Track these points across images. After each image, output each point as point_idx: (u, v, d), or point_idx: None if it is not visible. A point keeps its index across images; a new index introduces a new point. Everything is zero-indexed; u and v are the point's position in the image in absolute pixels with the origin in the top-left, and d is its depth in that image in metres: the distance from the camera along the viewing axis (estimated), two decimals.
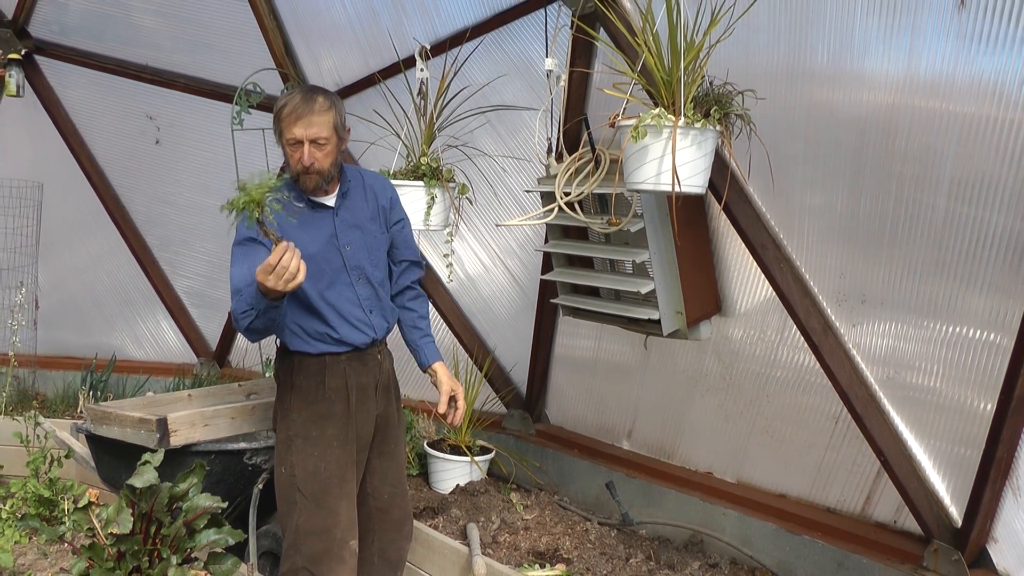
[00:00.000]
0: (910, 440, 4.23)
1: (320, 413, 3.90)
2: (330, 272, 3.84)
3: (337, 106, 3.78)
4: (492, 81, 5.18)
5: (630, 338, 5.40)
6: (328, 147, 3.73)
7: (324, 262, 3.81)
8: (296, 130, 3.67)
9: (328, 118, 3.71)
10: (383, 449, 4.10)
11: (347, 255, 3.88)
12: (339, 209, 3.89)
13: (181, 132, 7.25)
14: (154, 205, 7.76)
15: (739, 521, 4.95)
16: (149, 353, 8.42)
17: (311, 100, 3.69)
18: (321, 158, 3.72)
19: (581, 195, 4.56)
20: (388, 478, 4.13)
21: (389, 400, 4.10)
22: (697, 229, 4.68)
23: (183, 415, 4.49)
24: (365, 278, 3.93)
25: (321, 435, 3.89)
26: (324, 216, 3.85)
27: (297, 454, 3.90)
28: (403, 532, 4.23)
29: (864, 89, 3.81)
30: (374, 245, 3.97)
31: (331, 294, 3.84)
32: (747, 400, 4.92)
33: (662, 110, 3.63)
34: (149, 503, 3.93)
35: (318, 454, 3.88)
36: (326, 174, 3.77)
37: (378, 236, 3.99)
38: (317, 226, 3.82)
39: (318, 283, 3.80)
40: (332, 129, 3.72)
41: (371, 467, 4.08)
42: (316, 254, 3.76)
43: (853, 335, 4.30)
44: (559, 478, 5.99)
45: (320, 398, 3.89)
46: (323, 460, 3.87)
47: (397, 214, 4.09)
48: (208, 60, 6.75)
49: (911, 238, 3.88)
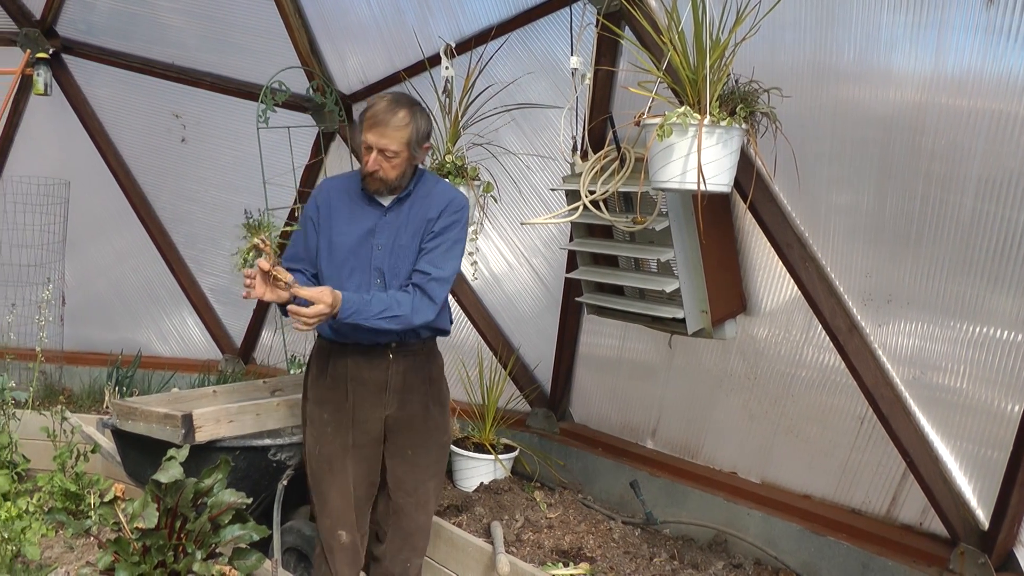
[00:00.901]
0: (936, 441, 4.20)
1: (322, 397, 4.05)
2: (354, 265, 3.91)
3: (417, 123, 3.82)
4: (517, 79, 5.18)
5: (655, 337, 5.40)
6: (396, 160, 3.80)
7: (353, 255, 3.90)
8: (370, 136, 3.77)
9: (403, 134, 3.78)
10: (401, 453, 4.10)
11: (375, 255, 3.92)
12: (389, 211, 3.94)
13: (207, 130, 7.29)
14: (180, 203, 7.80)
15: (763, 521, 4.94)
16: (174, 349, 8.46)
17: (392, 112, 3.77)
18: (388, 168, 3.81)
19: (606, 193, 4.56)
20: (404, 485, 4.12)
21: (407, 404, 4.06)
22: (722, 228, 4.67)
23: (208, 411, 4.53)
24: (382, 281, 3.93)
25: (319, 418, 4.05)
26: (373, 212, 3.94)
27: (308, 436, 4.13)
28: (409, 543, 4.18)
29: (891, 86, 3.79)
30: (402, 254, 3.94)
31: (347, 286, 3.85)
32: (772, 400, 4.91)
33: (687, 108, 3.63)
34: (174, 498, 3.96)
35: (316, 435, 4.06)
36: (390, 183, 3.86)
37: (409, 246, 3.94)
38: (362, 219, 3.93)
39: (339, 271, 3.90)
40: (404, 144, 3.79)
41: (388, 467, 4.12)
42: (350, 245, 3.89)
43: (879, 335, 4.28)
44: (583, 477, 5.99)
45: (321, 383, 4.06)
46: (319, 443, 4.05)
47: (439, 225, 3.93)
48: (234, 59, 6.78)
49: (938, 237, 3.86)
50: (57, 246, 7.81)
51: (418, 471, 4.12)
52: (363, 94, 6.46)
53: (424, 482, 4.15)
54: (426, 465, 4.14)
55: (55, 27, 7.26)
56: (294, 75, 6.38)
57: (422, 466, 4.13)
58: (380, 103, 3.80)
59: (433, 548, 4.97)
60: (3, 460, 5.28)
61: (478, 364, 6.26)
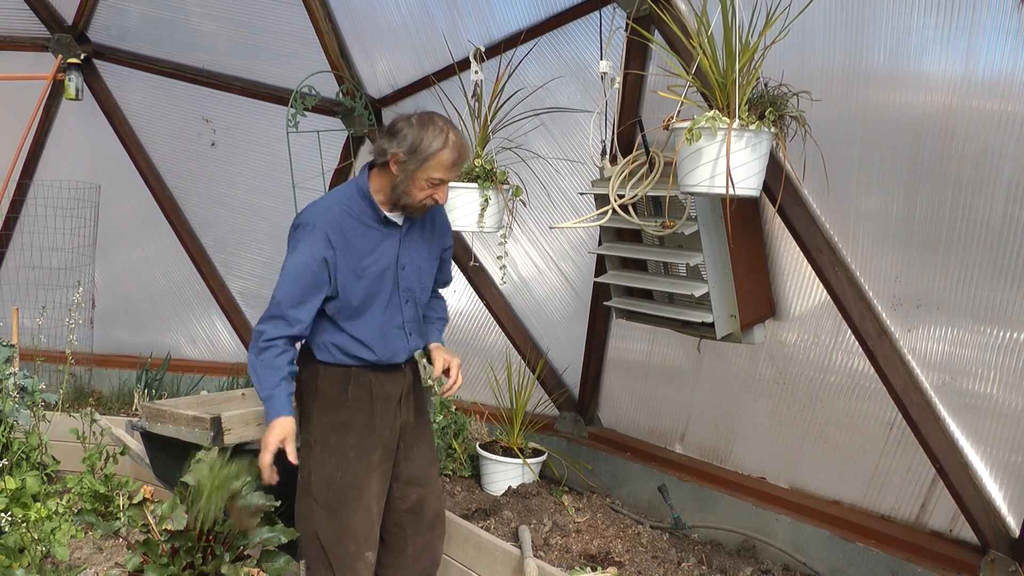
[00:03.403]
0: (966, 447, 4.20)
1: (340, 421, 3.96)
2: (386, 290, 3.93)
3: None
4: (546, 83, 5.19)
5: (683, 341, 5.41)
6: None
7: (381, 279, 3.90)
8: (449, 174, 3.76)
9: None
10: (410, 454, 4.14)
11: (402, 276, 3.95)
12: (407, 233, 3.96)
13: (237, 135, 7.34)
14: (209, 207, 7.86)
15: (792, 527, 4.94)
16: (203, 352, 8.52)
17: (465, 147, 3.80)
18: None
19: (635, 198, 4.57)
20: (415, 478, 4.17)
21: (410, 406, 4.14)
22: (751, 232, 4.68)
23: (237, 414, 4.53)
24: (413, 300, 4.02)
25: (339, 444, 3.95)
26: (392, 236, 3.91)
27: (314, 461, 3.97)
28: (436, 532, 4.26)
29: (921, 90, 3.79)
30: (426, 269, 4.06)
31: (381, 317, 3.93)
32: (801, 405, 4.91)
33: (716, 112, 3.63)
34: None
35: (335, 463, 3.94)
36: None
37: (431, 260, 4.08)
38: (384, 245, 3.89)
39: (373, 299, 3.90)
40: None
41: (397, 472, 4.13)
42: (379, 271, 3.87)
43: (908, 340, 4.28)
44: (611, 481, 6.00)
45: (341, 406, 3.96)
46: (339, 470, 3.94)
47: (448, 240, 4.20)
48: (264, 63, 6.83)
49: (968, 242, 3.86)
50: (87, 249, 7.89)
51: (426, 463, 4.21)
52: (392, 98, 6.50)
53: (432, 470, 4.25)
54: (430, 454, 4.26)
55: (87, 32, 7.34)
56: (324, 79, 6.42)
57: (428, 457, 4.23)
58: (453, 141, 3.73)
59: (461, 552, 4.99)
60: (33, 461, 5.33)
61: (506, 368, 6.29)
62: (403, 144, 3.69)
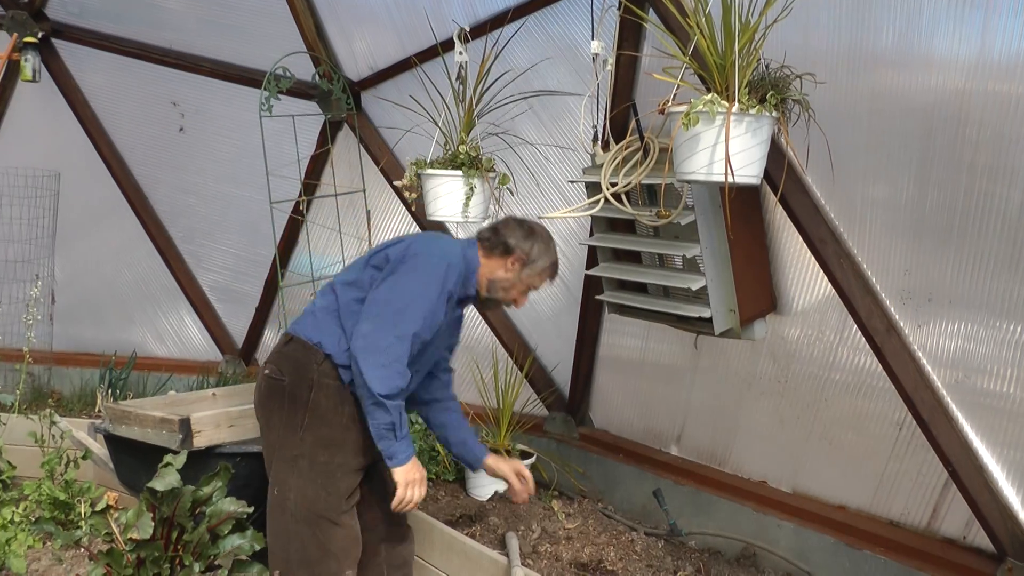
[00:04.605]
0: (981, 449, 4.20)
1: (332, 438, 3.98)
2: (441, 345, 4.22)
3: None
4: (535, 65, 5.17)
5: (679, 337, 5.40)
6: None
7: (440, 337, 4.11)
8: (545, 284, 4.24)
9: None
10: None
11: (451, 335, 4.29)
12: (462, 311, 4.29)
13: (206, 119, 7.31)
14: (178, 195, 7.82)
15: (795, 533, 4.94)
16: (171, 350, 8.49)
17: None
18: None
19: (628, 186, 4.56)
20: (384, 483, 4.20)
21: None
22: (751, 222, 4.67)
23: (207, 415, 4.54)
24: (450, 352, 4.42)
25: (328, 462, 3.97)
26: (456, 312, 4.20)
27: (298, 478, 3.96)
28: (407, 535, 4.38)
29: (932, 72, 3.77)
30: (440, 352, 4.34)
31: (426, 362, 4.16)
32: (804, 404, 4.90)
33: (715, 95, 3.61)
34: (171, 507, 3.98)
35: (321, 482, 3.95)
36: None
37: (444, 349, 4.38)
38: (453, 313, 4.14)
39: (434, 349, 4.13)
40: None
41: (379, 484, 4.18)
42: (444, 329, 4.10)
43: (919, 336, 4.27)
44: (603, 485, 5.99)
45: (335, 423, 3.98)
46: (324, 489, 3.95)
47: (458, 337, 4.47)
48: (235, 43, 6.79)
49: (982, 232, 3.84)
50: (46, 241, 7.85)
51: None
52: (372, 81, 6.47)
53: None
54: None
55: (44, 9, 7.28)
56: (299, 60, 6.38)
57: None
58: (555, 255, 4.21)
59: (445, 561, 4.97)
60: None
61: (493, 366, 6.27)
62: (531, 247, 4.09)
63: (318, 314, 4.04)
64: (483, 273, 4.09)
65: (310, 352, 3.98)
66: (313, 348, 3.97)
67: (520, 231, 4.10)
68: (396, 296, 3.84)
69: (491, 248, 4.09)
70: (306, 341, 4.00)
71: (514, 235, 4.08)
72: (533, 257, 4.08)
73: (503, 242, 4.07)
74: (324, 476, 3.95)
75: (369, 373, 3.71)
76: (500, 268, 4.08)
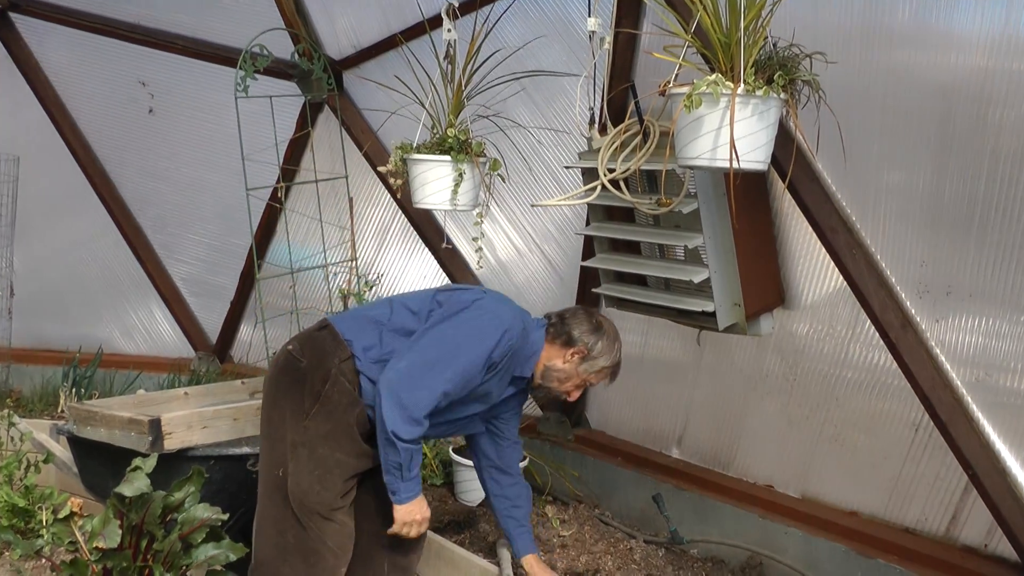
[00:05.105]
0: (1003, 451, 4.19)
1: (335, 435, 4.04)
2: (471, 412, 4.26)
3: None
4: (528, 43, 5.15)
5: (681, 333, 5.39)
6: None
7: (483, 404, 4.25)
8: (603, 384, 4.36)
9: None
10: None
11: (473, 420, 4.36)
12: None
13: (178, 100, 7.29)
14: (147, 181, 7.80)
15: (803, 541, 4.94)
16: (140, 346, 8.49)
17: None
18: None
19: (627, 172, 4.53)
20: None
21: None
22: (758, 211, 4.67)
23: (179, 416, 4.53)
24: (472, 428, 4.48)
25: (328, 456, 4.02)
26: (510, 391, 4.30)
27: (296, 464, 4.01)
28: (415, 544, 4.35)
29: (952, 50, 3.77)
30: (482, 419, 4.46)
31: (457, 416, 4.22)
32: (813, 404, 4.90)
33: (719, 76, 3.59)
34: (140, 514, 3.95)
35: (318, 475, 4.01)
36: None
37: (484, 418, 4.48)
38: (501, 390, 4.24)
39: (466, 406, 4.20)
40: None
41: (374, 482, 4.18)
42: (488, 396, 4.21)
43: (936, 331, 4.26)
44: (600, 490, 5.99)
45: (341, 421, 4.04)
46: (320, 482, 4.01)
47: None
48: (209, 19, 6.77)
49: (1006, 222, 3.83)
50: (4, 230, 7.82)
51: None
52: (355, 60, 6.46)
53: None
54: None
55: None
56: (277, 38, 6.34)
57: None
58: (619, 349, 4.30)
59: (433, 569, 4.97)
60: None
61: None
62: (595, 343, 4.19)
63: (363, 319, 4.18)
64: (542, 359, 4.20)
65: (338, 345, 4.07)
66: (342, 343, 4.06)
67: (588, 324, 4.21)
68: (441, 344, 3.96)
69: (555, 336, 4.21)
70: (339, 334, 4.09)
71: (580, 327, 4.19)
72: (595, 354, 4.18)
73: (567, 332, 4.18)
74: (322, 469, 4.01)
75: (389, 412, 3.81)
76: (559, 358, 4.19)
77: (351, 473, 4.06)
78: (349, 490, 4.08)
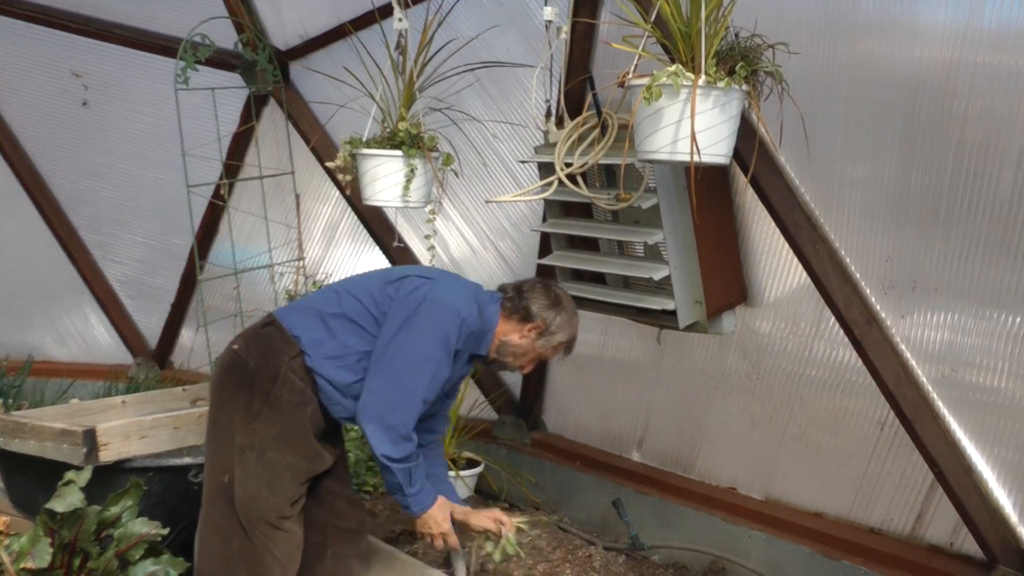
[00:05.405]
0: (969, 449, 4.25)
1: (286, 437, 3.99)
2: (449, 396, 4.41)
3: None
4: (482, 33, 5.16)
5: (641, 332, 5.42)
6: None
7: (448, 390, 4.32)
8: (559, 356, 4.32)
9: None
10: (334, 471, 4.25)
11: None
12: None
13: (114, 92, 7.22)
14: (81, 179, 7.73)
15: (767, 544, 4.98)
16: (74, 353, 8.41)
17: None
18: None
19: (585, 166, 4.54)
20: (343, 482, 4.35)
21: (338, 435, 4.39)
22: (720, 206, 4.70)
23: (116, 425, 4.50)
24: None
25: (278, 461, 3.98)
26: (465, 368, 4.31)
27: (243, 469, 3.96)
28: (359, 548, 4.39)
29: (917, 42, 3.81)
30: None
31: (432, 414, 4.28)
32: (777, 403, 4.95)
33: (679, 67, 3.61)
34: (73, 531, 3.91)
35: (266, 479, 3.96)
36: None
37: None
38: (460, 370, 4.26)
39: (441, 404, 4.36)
40: None
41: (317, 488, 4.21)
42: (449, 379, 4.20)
43: (902, 327, 4.32)
44: (558, 495, 6.01)
45: (292, 421, 4.00)
46: (269, 488, 3.96)
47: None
48: (148, 7, 6.70)
49: (972, 215, 3.89)
50: None
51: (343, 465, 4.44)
52: (302, 50, 6.44)
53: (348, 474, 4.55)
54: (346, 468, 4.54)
55: None
56: (220, 26, 6.33)
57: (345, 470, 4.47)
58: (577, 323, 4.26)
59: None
60: None
61: None
62: (553, 318, 4.15)
63: (310, 311, 4.12)
64: (497, 334, 4.17)
65: (286, 342, 4.02)
66: (291, 339, 4.01)
67: (546, 298, 4.17)
68: (407, 356, 3.95)
69: (512, 311, 4.16)
70: (286, 330, 4.04)
71: (538, 301, 4.15)
72: (553, 329, 4.16)
73: (525, 307, 4.14)
74: (271, 475, 3.96)
75: (376, 438, 3.90)
76: (515, 333, 4.16)
77: (304, 477, 4.03)
78: (300, 496, 4.05)
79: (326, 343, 4.01)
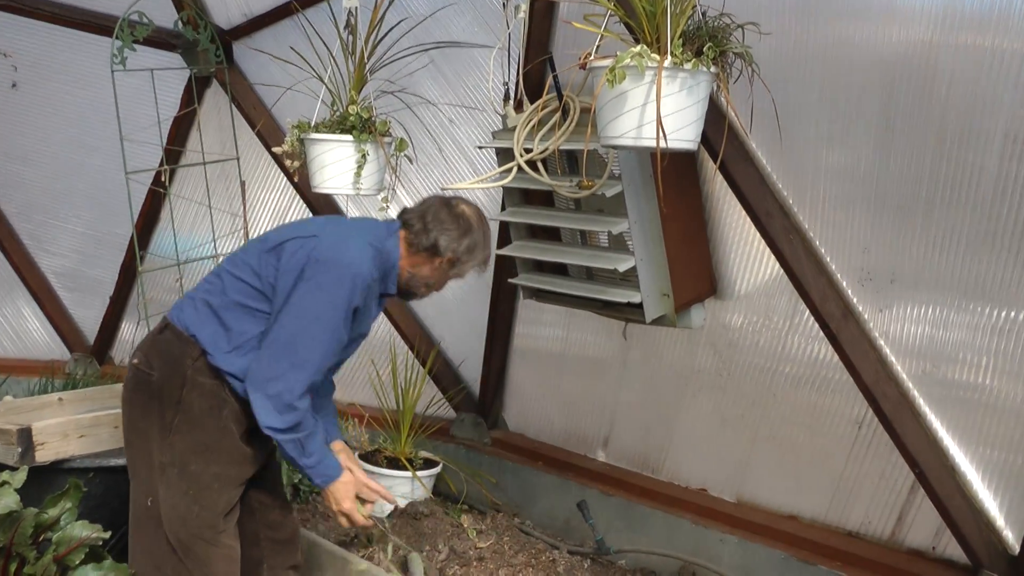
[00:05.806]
0: (952, 448, 4.27)
1: (206, 445, 3.91)
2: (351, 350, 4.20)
3: None
4: (437, 11, 5.15)
5: (606, 326, 5.42)
6: None
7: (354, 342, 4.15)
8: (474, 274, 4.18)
9: None
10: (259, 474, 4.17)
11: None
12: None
13: (47, 73, 7.15)
14: (10, 164, 7.65)
15: (739, 548, 4.99)
16: (7, 348, 8.35)
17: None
18: None
19: (545, 152, 4.53)
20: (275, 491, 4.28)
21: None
22: (687, 194, 4.69)
23: (52, 424, 4.48)
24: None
25: (201, 472, 3.90)
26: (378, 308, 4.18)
27: (167, 489, 3.89)
28: (295, 559, 4.35)
29: (895, 22, 3.81)
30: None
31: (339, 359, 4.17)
32: (749, 401, 4.95)
33: (644, 48, 3.59)
34: (7, 535, 3.89)
35: (193, 494, 3.89)
36: None
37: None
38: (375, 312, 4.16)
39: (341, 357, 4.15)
40: None
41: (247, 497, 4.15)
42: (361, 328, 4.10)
43: (880, 321, 4.32)
44: (520, 497, 6.00)
45: (210, 427, 3.91)
46: (197, 503, 3.89)
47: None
48: None
49: (953, 204, 3.89)
50: None
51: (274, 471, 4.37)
52: (246, 29, 6.39)
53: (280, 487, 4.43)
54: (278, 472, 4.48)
55: None
56: (159, 4, 6.26)
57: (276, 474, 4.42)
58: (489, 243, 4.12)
59: None
60: None
61: (391, 362, 6.24)
62: (464, 247, 3.99)
63: (199, 302, 3.97)
64: (403, 267, 4.02)
65: (185, 344, 3.90)
66: (189, 340, 3.90)
67: (455, 227, 3.96)
68: (297, 322, 3.82)
69: (417, 245, 3.98)
70: (182, 331, 3.92)
71: (447, 232, 3.95)
72: (466, 257, 4.02)
73: (433, 242, 3.95)
74: (197, 488, 3.88)
75: (258, 407, 3.76)
76: (426, 265, 4.01)
77: (235, 484, 3.96)
78: (233, 507, 3.98)
79: (223, 336, 3.89)
